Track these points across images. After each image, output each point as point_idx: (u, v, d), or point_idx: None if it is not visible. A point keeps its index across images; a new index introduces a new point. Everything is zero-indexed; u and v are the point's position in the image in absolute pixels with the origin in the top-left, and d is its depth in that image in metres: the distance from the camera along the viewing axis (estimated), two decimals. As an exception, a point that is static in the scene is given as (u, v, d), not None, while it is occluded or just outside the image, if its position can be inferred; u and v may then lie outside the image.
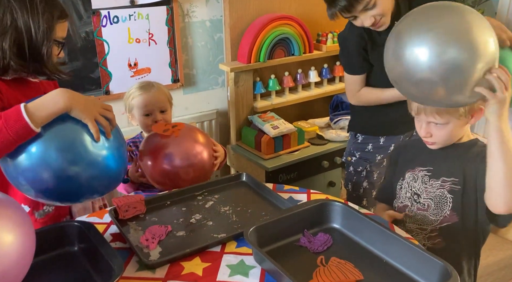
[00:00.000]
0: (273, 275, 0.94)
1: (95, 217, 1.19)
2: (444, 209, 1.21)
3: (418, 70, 0.95)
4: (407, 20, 1.02)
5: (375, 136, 1.69)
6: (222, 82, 2.32)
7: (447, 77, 0.92)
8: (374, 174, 1.71)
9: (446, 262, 0.88)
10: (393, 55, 1.01)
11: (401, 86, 1.06)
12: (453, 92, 0.96)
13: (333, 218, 1.12)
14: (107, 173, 1.03)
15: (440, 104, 1.05)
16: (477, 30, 0.92)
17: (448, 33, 0.92)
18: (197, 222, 1.16)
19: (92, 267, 0.98)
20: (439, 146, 1.20)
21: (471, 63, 0.91)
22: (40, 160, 0.96)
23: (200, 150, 1.37)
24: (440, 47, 0.91)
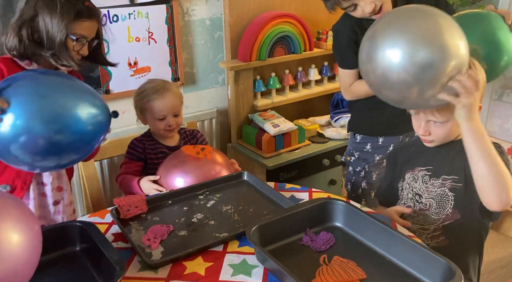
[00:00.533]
0: (276, 275, 0.94)
1: (97, 216, 1.19)
2: (446, 207, 1.21)
3: (392, 71, 0.98)
4: (381, 23, 1.05)
5: (373, 137, 1.69)
6: (223, 80, 2.32)
7: (420, 77, 0.96)
8: (373, 175, 1.70)
9: (450, 260, 0.88)
10: (367, 58, 1.05)
11: (377, 89, 1.08)
12: (426, 91, 0.99)
13: (336, 216, 1.12)
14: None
15: (415, 106, 1.07)
16: (448, 33, 0.97)
17: (421, 35, 0.96)
18: (198, 221, 1.16)
19: (94, 267, 0.97)
20: (437, 144, 1.20)
21: (441, 63, 0.95)
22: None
23: (219, 170, 1.41)
24: (412, 49, 0.95)
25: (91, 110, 1.06)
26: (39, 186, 1.31)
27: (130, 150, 1.62)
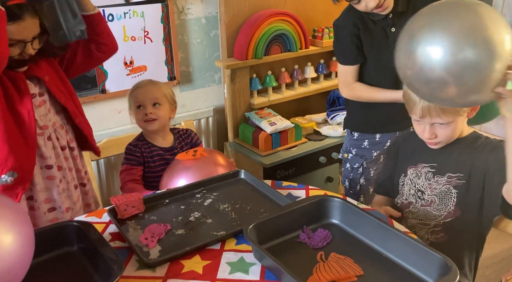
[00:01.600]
0: (274, 272, 0.94)
1: (94, 216, 1.19)
2: (448, 204, 1.21)
3: (431, 69, 0.89)
4: (419, 18, 0.96)
5: (370, 133, 1.69)
6: (219, 79, 2.32)
7: (463, 78, 0.87)
8: (370, 171, 1.71)
9: (446, 256, 0.88)
10: (405, 53, 0.97)
11: (412, 85, 1.01)
12: (469, 92, 0.90)
13: (332, 213, 1.12)
14: None
15: (452, 103, 1.00)
16: (493, 29, 0.86)
17: (464, 31, 0.87)
18: (196, 220, 1.16)
19: (91, 267, 0.97)
20: (443, 145, 1.20)
21: (487, 64, 0.86)
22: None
23: (222, 171, 1.40)
24: (455, 46, 0.86)
25: None
26: (43, 170, 1.32)
27: (128, 156, 1.62)
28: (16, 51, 1.16)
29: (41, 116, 1.30)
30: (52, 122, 1.33)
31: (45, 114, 1.31)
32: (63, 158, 1.36)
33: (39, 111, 1.30)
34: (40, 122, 1.30)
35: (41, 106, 1.31)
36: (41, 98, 1.30)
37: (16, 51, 1.16)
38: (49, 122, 1.32)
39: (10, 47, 1.12)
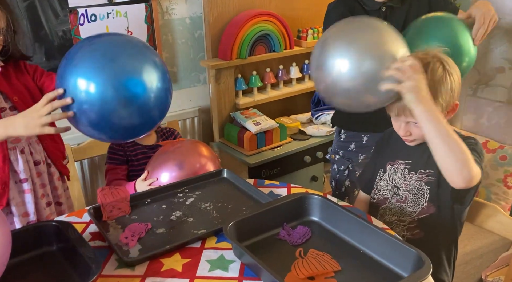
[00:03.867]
0: (252, 269, 0.95)
1: (74, 216, 1.18)
2: (421, 200, 1.23)
3: (343, 80, 1.05)
4: (332, 32, 1.13)
5: (357, 135, 1.69)
6: (204, 79, 2.32)
7: (366, 83, 1.03)
8: (356, 174, 1.71)
9: (420, 251, 0.90)
10: (317, 66, 1.12)
11: (329, 96, 1.14)
12: (367, 95, 1.06)
13: (312, 210, 1.13)
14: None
15: (368, 108, 1.13)
16: (390, 44, 1.05)
17: (366, 47, 1.04)
18: (177, 219, 1.17)
19: (71, 267, 0.97)
20: (419, 142, 1.22)
21: (381, 67, 1.02)
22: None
23: (204, 162, 1.42)
24: (359, 60, 1.03)
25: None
26: (17, 184, 1.30)
27: (111, 155, 1.61)
28: None
29: None
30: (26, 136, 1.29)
31: None
32: (35, 173, 1.33)
33: None
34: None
35: None
36: (12, 112, 1.26)
37: None
38: (22, 136, 1.28)
39: None
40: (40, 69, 1.37)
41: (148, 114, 1.07)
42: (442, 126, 1.00)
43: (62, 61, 1.06)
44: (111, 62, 1.01)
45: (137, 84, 1.02)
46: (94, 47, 1.04)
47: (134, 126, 1.08)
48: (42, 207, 1.35)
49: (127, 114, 1.04)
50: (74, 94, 1.02)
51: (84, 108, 1.02)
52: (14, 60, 1.29)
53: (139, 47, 1.08)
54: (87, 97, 1.00)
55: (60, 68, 1.06)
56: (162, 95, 1.08)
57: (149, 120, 1.09)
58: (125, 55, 1.03)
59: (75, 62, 1.02)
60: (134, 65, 1.03)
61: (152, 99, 1.05)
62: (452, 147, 1.00)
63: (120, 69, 1.01)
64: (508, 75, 2.19)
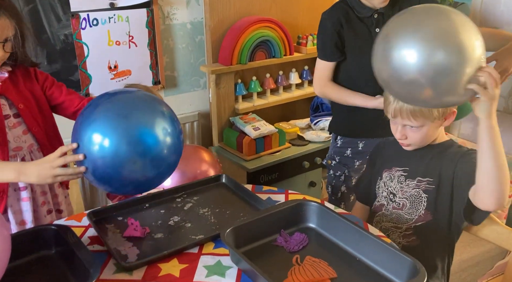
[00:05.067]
0: (249, 275, 0.96)
1: (73, 220, 1.19)
2: (419, 208, 1.24)
3: (406, 72, 0.95)
4: (395, 22, 1.02)
5: (353, 141, 1.70)
6: (204, 84, 2.34)
7: (435, 80, 0.93)
8: (352, 180, 1.72)
9: (415, 259, 0.91)
10: (382, 57, 1.01)
11: (390, 87, 1.06)
12: (443, 94, 0.96)
13: (309, 217, 1.14)
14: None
15: (429, 104, 1.05)
16: (464, 33, 0.92)
17: (436, 36, 0.92)
18: (175, 224, 1.18)
19: (69, 270, 0.98)
20: (414, 147, 1.24)
21: (459, 67, 0.91)
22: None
23: (206, 168, 1.45)
24: (428, 50, 0.91)
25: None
26: (16, 192, 1.30)
27: None
28: None
29: (15, 138, 1.27)
30: (28, 144, 1.30)
31: (19, 136, 1.28)
32: None
33: (13, 132, 1.26)
34: (13, 144, 1.26)
35: (16, 128, 1.27)
36: (16, 120, 1.27)
37: None
38: (24, 144, 1.29)
39: None
40: (50, 79, 1.37)
41: (164, 163, 1.09)
42: (499, 147, 1.00)
43: (78, 118, 1.10)
44: (124, 119, 1.04)
45: (150, 136, 1.05)
46: (108, 105, 1.07)
47: (150, 178, 1.09)
48: (43, 214, 1.36)
49: (141, 168, 1.05)
50: (87, 149, 1.04)
51: (96, 164, 1.04)
52: (23, 66, 1.29)
53: (147, 101, 1.11)
54: (101, 152, 1.03)
55: (76, 125, 1.09)
56: (174, 140, 1.10)
57: (167, 168, 1.11)
58: (137, 111, 1.06)
59: (91, 120, 1.05)
60: (145, 119, 1.06)
61: (165, 149, 1.07)
62: (502, 170, 1.00)
63: (133, 125, 1.04)
64: (506, 84, 2.21)
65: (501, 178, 1.00)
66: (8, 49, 1.18)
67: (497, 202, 1.02)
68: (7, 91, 1.24)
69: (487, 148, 1.00)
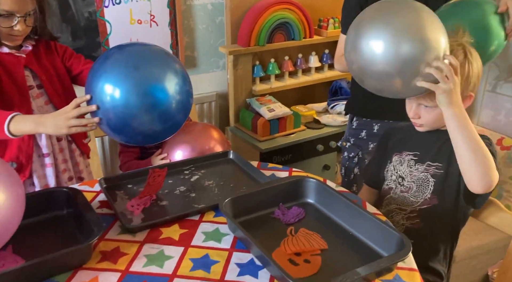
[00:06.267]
0: (244, 243, 1.01)
1: (87, 185, 1.27)
2: (425, 191, 1.25)
3: (375, 63, 1.01)
4: (367, 14, 1.08)
5: (369, 123, 1.70)
6: (223, 65, 2.37)
7: (401, 70, 0.99)
8: (366, 162, 1.72)
9: (403, 235, 0.93)
10: (352, 47, 1.07)
11: (360, 79, 1.11)
12: (407, 84, 1.02)
13: (308, 193, 1.17)
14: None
15: (396, 94, 1.10)
16: (430, 28, 0.99)
17: (404, 28, 0.99)
18: (181, 193, 1.23)
19: (77, 230, 1.05)
20: (426, 129, 1.23)
21: (422, 55, 0.97)
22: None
23: (214, 144, 1.52)
24: (396, 42, 0.98)
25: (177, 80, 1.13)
26: (40, 158, 1.40)
27: None
28: (5, 23, 1.19)
29: (37, 107, 1.35)
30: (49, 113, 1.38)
31: (41, 106, 1.36)
32: (58, 149, 1.42)
33: (36, 102, 1.34)
34: (36, 113, 1.33)
35: (39, 98, 1.36)
36: (39, 90, 1.35)
37: (5, 23, 1.19)
38: (46, 113, 1.35)
39: (1, 18, 1.17)
40: (69, 51, 1.45)
41: (171, 120, 1.15)
42: (469, 131, 1.02)
43: (90, 71, 1.15)
44: (135, 70, 1.08)
45: (160, 90, 1.09)
46: (119, 57, 1.11)
47: (157, 132, 1.15)
48: (64, 181, 1.45)
49: (150, 121, 1.11)
50: (100, 100, 1.10)
51: (108, 115, 1.10)
52: (45, 40, 1.37)
53: (161, 55, 1.14)
54: (112, 103, 1.08)
55: (88, 77, 1.15)
56: (183, 99, 1.14)
57: (173, 125, 1.16)
58: (148, 63, 1.10)
59: (102, 71, 1.10)
60: (156, 73, 1.10)
61: (173, 105, 1.11)
62: (477, 152, 1.01)
63: (144, 77, 1.08)
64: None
65: (479, 161, 1.01)
66: (29, 23, 1.24)
67: (483, 184, 1.02)
68: (30, 64, 1.32)
69: (456, 135, 1.02)
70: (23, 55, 1.30)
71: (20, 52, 1.30)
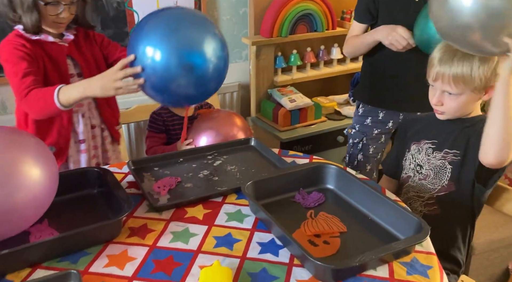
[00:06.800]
0: (265, 223, 1.04)
1: (115, 167, 1.33)
2: (442, 178, 1.26)
3: (462, 15, 0.97)
4: None
5: (375, 110, 1.73)
6: (246, 56, 2.41)
7: (486, 23, 0.94)
8: (370, 148, 1.76)
9: (422, 219, 0.95)
10: (439, 3, 1.03)
11: (445, 32, 1.07)
12: (487, 38, 0.97)
13: (328, 179, 1.20)
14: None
15: (474, 49, 1.05)
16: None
17: None
18: (204, 176, 1.28)
19: (107, 207, 1.11)
20: (448, 117, 1.24)
21: (509, 12, 0.93)
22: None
23: (237, 131, 1.56)
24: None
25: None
26: (76, 144, 1.47)
27: (151, 124, 1.77)
28: (52, 11, 1.26)
29: None
30: (87, 102, 1.45)
31: None
32: (91, 135, 1.49)
33: None
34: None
35: None
36: (79, 78, 1.42)
37: (51, 11, 1.26)
38: (85, 101, 1.44)
39: (46, 6, 1.24)
40: (106, 39, 1.51)
41: (206, 84, 1.19)
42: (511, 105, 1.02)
43: (131, 34, 1.19)
44: (175, 31, 1.12)
45: (198, 53, 1.13)
46: (160, 19, 1.15)
47: (193, 94, 1.19)
48: (92, 166, 1.51)
49: (187, 82, 1.15)
50: (142, 61, 1.14)
51: (150, 75, 1.14)
52: (84, 29, 1.43)
53: (201, 19, 1.18)
54: (153, 64, 1.12)
55: (130, 40, 1.19)
56: (220, 65, 1.19)
57: (207, 90, 1.21)
58: (188, 26, 1.14)
59: (143, 33, 1.14)
60: (195, 35, 1.14)
61: (210, 70, 1.16)
62: (509, 126, 1.02)
63: (183, 38, 1.12)
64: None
65: (507, 134, 1.02)
66: (72, 11, 1.32)
67: (498, 156, 1.04)
68: (72, 52, 1.39)
69: (500, 101, 1.02)
70: (65, 44, 1.37)
71: (63, 41, 1.37)
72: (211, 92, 1.24)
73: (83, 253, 0.95)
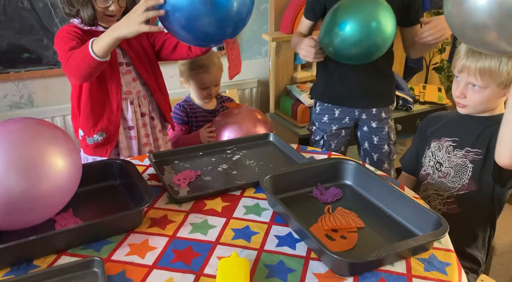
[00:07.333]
0: (283, 217, 1.06)
1: (137, 160, 1.36)
2: (463, 177, 1.25)
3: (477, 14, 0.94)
4: None
5: (330, 108, 1.77)
6: (265, 52, 2.42)
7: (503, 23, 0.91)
8: (331, 144, 1.81)
9: (441, 216, 0.94)
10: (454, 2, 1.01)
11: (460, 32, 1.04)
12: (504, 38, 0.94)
13: (347, 175, 1.20)
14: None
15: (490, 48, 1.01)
16: None
17: None
18: (223, 170, 1.30)
19: (129, 197, 1.14)
20: (469, 111, 1.22)
21: None
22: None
23: (258, 127, 1.64)
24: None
25: None
26: (126, 130, 1.52)
27: (175, 115, 1.82)
28: (101, 3, 1.33)
29: (126, 83, 1.49)
30: (136, 90, 1.51)
31: (129, 82, 1.50)
32: (141, 123, 1.55)
33: (125, 78, 1.48)
34: (125, 88, 1.48)
35: (127, 74, 1.49)
36: (128, 67, 1.49)
37: (101, 4, 1.34)
38: (133, 89, 1.50)
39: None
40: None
41: (226, 25, 1.21)
42: None
43: None
44: None
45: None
46: None
47: (212, 33, 1.20)
48: (145, 153, 1.56)
49: (210, 19, 1.16)
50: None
51: (173, 8, 1.14)
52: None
53: None
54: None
55: None
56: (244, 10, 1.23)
57: (224, 31, 1.23)
58: None
59: None
60: None
61: (234, 11, 1.19)
62: None
63: None
64: None
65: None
66: (122, 4, 1.38)
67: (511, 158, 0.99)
68: (121, 42, 1.41)
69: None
70: None
71: None
72: (238, 27, 1.26)
73: (105, 242, 0.98)
